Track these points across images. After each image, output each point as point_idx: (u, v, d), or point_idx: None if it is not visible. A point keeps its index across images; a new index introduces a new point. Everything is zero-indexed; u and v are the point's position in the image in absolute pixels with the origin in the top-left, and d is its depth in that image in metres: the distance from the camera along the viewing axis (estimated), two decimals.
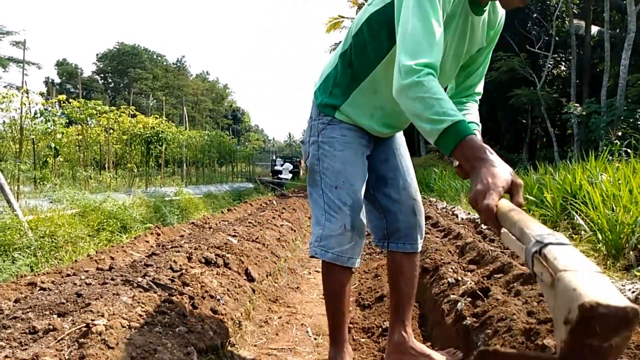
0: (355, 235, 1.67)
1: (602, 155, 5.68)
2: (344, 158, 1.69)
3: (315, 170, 1.73)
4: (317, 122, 1.75)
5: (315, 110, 1.78)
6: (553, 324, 1.39)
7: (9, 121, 7.24)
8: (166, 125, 11.08)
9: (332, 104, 1.71)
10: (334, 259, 1.66)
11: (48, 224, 4.07)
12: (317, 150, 1.73)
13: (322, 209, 1.70)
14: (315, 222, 1.74)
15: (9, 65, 31.50)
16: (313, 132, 1.77)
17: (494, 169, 1.11)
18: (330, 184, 1.68)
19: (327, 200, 1.69)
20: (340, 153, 1.69)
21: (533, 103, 16.64)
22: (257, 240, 3.74)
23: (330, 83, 1.73)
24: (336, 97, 1.70)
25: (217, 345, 1.85)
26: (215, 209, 8.16)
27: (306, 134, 1.83)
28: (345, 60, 1.67)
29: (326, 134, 1.72)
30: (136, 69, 52.86)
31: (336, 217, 1.66)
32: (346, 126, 1.72)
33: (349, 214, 1.65)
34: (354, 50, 1.63)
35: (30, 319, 1.59)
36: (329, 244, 1.65)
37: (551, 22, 16.98)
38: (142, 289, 2.00)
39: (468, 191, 1.27)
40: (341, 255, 1.65)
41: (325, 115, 1.74)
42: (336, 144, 1.70)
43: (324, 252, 1.66)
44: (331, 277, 1.72)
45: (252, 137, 68.30)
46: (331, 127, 1.72)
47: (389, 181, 1.84)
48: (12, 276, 3.01)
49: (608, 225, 3.22)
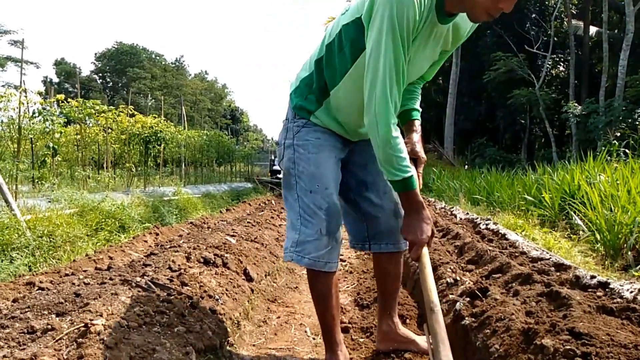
0: (332, 240, 1.69)
1: (601, 155, 5.69)
2: (317, 161, 1.72)
3: (291, 173, 1.75)
4: (293, 125, 1.78)
5: (291, 112, 1.80)
6: (551, 324, 1.40)
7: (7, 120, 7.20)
8: (165, 124, 11.06)
9: (307, 108, 1.75)
10: (311, 265, 1.68)
11: (46, 224, 4.06)
12: (292, 154, 1.75)
13: (297, 213, 1.72)
14: (290, 227, 1.76)
15: (7, 65, 31.41)
16: (289, 134, 1.78)
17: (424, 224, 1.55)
18: (305, 188, 1.71)
19: (302, 204, 1.71)
20: (314, 156, 1.72)
21: (531, 103, 16.67)
22: (256, 240, 3.74)
23: (306, 88, 1.76)
24: (311, 103, 1.74)
25: (215, 345, 1.85)
26: (214, 209, 8.16)
27: (281, 136, 1.83)
28: (319, 68, 1.71)
29: (301, 137, 1.75)
30: (134, 69, 52.76)
31: (312, 222, 1.68)
32: (320, 129, 1.75)
33: (324, 218, 1.67)
34: (326, 60, 1.68)
35: (28, 319, 1.59)
36: (305, 249, 1.67)
37: (550, 23, 17.01)
38: (141, 288, 2.00)
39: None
40: (318, 261, 1.67)
41: (300, 118, 1.77)
42: (310, 146, 1.73)
43: (301, 258, 1.68)
44: (316, 282, 1.75)
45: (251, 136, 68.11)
46: (306, 130, 1.75)
47: (369, 185, 1.87)
48: (10, 276, 3.01)
49: (606, 225, 3.23)
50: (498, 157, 16.85)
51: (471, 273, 2.41)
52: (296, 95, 1.79)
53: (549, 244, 3.43)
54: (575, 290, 1.79)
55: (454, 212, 5.28)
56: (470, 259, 2.71)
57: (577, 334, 1.31)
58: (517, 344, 1.43)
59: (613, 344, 1.25)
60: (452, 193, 8.15)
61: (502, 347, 1.47)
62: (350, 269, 3.74)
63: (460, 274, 2.38)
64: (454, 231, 3.63)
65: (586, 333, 1.30)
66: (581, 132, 13.70)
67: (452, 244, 3.30)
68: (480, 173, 9.67)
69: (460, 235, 3.42)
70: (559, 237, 3.73)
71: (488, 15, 1.44)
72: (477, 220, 4.23)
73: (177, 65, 62.59)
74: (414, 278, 2.90)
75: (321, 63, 1.69)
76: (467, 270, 2.49)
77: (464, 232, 3.60)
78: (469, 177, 9.31)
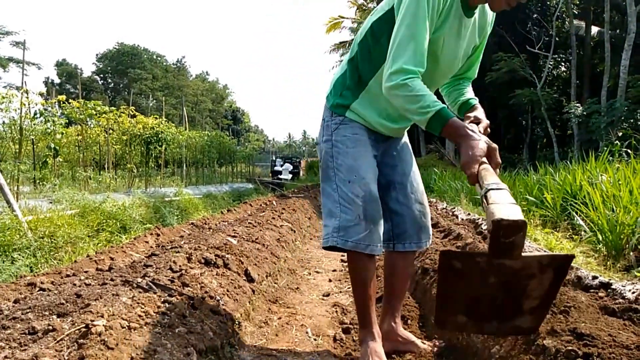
0: (370, 224, 1.77)
1: (603, 155, 5.68)
2: (355, 154, 1.83)
3: (329, 166, 1.87)
4: (330, 123, 1.91)
5: (327, 112, 1.94)
6: (553, 325, 1.39)
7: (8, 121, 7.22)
8: (166, 125, 11.08)
9: (344, 103, 1.88)
10: (354, 247, 1.76)
11: (47, 225, 4.06)
12: (330, 148, 1.88)
13: (336, 201, 1.82)
14: (327, 215, 1.85)
15: (8, 66, 31.44)
16: (326, 131, 1.92)
17: (472, 142, 1.46)
18: (344, 178, 1.81)
19: (341, 193, 1.81)
20: (352, 150, 1.84)
21: (533, 103, 16.63)
22: (257, 240, 3.73)
23: (340, 86, 1.90)
24: (346, 98, 1.87)
25: (216, 346, 1.85)
26: (214, 210, 8.16)
27: (320, 134, 1.97)
28: (353, 65, 1.85)
29: (339, 133, 1.87)
30: (136, 69, 52.84)
31: (350, 209, 1.78)
32: (357, 125, 1.87)
33: (361, 205, 1.77)
34: (360, 55, 1.82)
35: (29, 320, 1.59)
36: (347, 233, 1.76)
37: (551, 23, 16.97)
38: (142, 289, 2.00)
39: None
40: (360, 243, 1.76)
41: (337, 116, 1.90)
42: (348, 142, 1.85)
43: (345, 242, 1.77)
44: (356, 265, 1.83)
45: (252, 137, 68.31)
46: (343, 127, 1.87)
47: (397, 186, 1.98)
48: (12, 276, 3.01)
49: (608, 225, 3.22)
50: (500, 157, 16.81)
51: None
52: (332, 95, 1.93)
53: (551, 244, 3.42)
54: (577, 291, 1.78)
55: (456, 212, 5.27)
56: None
57: (579, 335, 1.31)
58: (520, 344, 1.42)
59: (615, 344, 1.24)
60: (453, 194, 8.13)
61: (503, 348, 1.46)
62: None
63: None
64: (455, 232, 3.62)
65: (588, 334, 1.30)
66: (583, 132, 13.67)
67: (453, 244, 3.30)
68: None
69: (462, 235, 3.41)
70: (560, 238, 3.72)
71: (507, 5, 1.56)
72: (479, 221, 4.22)
73: (178, 66, 62.67)
74: (415, 279, 2.89)
75: (355, 60, 1.84)
76: None
77: (466, 232, 3.59)
78: None
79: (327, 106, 1.96)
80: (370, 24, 1.77)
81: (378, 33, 1.73)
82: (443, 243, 3.41)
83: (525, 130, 19.67)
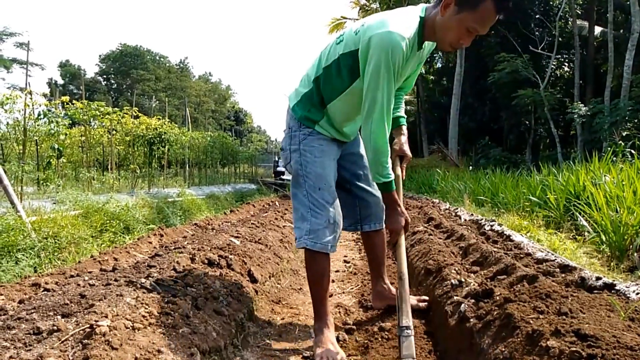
0: (336, 227, 2.07)
1: (606, 156, 5.66)
2: (322, 164, 2.09)
3: (299, 174, 2.10)
4: (299, 133, 2.12)
5: (294, 122, 2.14)
6: (557, 326, 1.39)
7: (12, 122, 7.24)
8: (169, 126, 11.09)
9: (313, 118, 2.11)
10: (322, 248, 2.02)
11: (51, 225, 4.07)
12: (299, 157, 2.10)
13: (307, 207, 2.06)
14: (299, 218, 2.09)
15: (12, 67, 31.57)
16: (294, 140, 2.13)
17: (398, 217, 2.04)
18: (314, 185, 2.06)
19: (311, 199, 2.05)
20: (319, 159, 2.09)
21: (536, 104, 16.58)
22: (260, 241, 3.74)
23: (307, 102, 2.11)
24: (314, 114, 2.11)
25: (220, 347, 1.85)
26: (217, 210, 8.17)
27: (286, 142, 2.18)
28: (316, 85, 2.07)
29: (307, 144, 2.10)
30: (139, 70, 52.94)
31: (321, 214, 2.03)
32: (322, 137, 2.13)
33: (331, 210, 2.05)
34: (323, 80, 2.04)
35: (34, 320, 1.60)
36: (317, 236, 2.01)
37: (554, 23, 16.94)
38: (146, 290, 2.00)
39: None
40: (327, 244, 2.03)
41: (306, 127, 2.11)
42: (316, 152, 2.09)
43: (314, 244, 2.02)
44: (315, 264, 2.08)
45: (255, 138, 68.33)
46: (311, 138, 2.11)
47: (361, 177, 2.36)
48: (16, 277, 3.02)
49: (612, 226, 3.21)
50: (502, 158, 16.78)
51: (476, 274, 2.40)
52: (299, 107, 2.13)
53: (554, 245, 3.41)
54: (581, 291, 1.78)
55: (459, 213, 5.26)
56: (475, 261, 2.70)
57: (582, 336, 1.30)
58: (523, 345, 1.42)
59: (619, 345, 1.24)
60: (456, 194, 8.12)
61: (507, 349, 1.46)
62: (354, 270, 3.73)
63: (465, 275, 2.37)
64: (458, 232, 3.62)
65: (592, 335, 1.29)
66: (586, 132, 13.63)
67: (456, 245, 3.29)
68: (484, 174, 9.63)
69: (465, 236, 3.41)
70: (564, 239, 3.72)
71: (451, 48, 1.86)
72: (482, 222, 4.21)
73: (181, 66, 62.77)
74: (418, 279, 2.89)
75: (318, 81, 2.06)
76: (472, 272, 2.48)
77: (469, 233, 3.59)
78: (474, 178, 9.28)
79: (293, 116, 2.14)
80: (338, 56, 1.96)
81: (342, 66, 1.96)
82: (446, 244, 3.40)
83: (528, 131, 19.62)
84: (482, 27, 1.75)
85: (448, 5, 1.76)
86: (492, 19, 1.73)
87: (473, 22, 1.73)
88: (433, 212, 5.30)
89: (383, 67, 1.77)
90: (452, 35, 1.81)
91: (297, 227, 2.09)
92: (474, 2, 1.70)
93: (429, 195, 9.62)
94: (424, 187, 11.56)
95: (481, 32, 1.77)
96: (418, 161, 19.24)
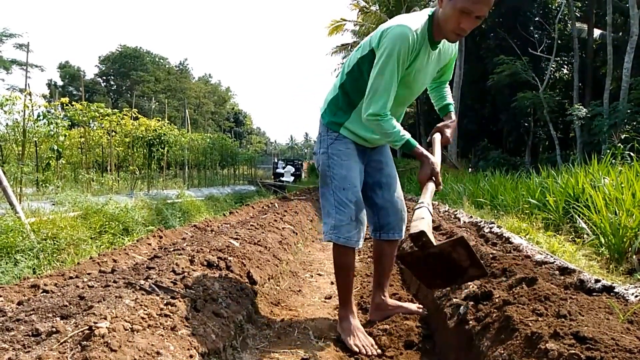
0: (359, 224, 2.21)
1: (605, 158, 5.67)
2: (348, 166, 2.25)
3: (327, 175, 2.28)
4: (327, 137, 2.30)
5: (323, 128, 2.34)
6: (555, 328, 1.39)
7: (12, 123, 7.24)
8: (168, 127, 11.09)
9: (338, 122, 2.28)
10: (345, 242, 2.19)
11: (50, 227, 4.07)
12: (327, 159, 2.28)
13: (332, 205, 2.23)
14: (326, 215, 2.27)
15: (12, 68, 31.58)
16: (323, 145, 2.31)
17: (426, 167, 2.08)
18: (339, 186, 2.22)
19: (337, 198, 2.22)
20: (345, 162, 2.25)
21: (535, 106, 16.60)
22: (259, 243, 3.74)
23: (334, 107, 2.30)
24: (340, 117, 2.28)
25: (219, 349, 1.85)
26: (217, 212, 8.16)
27: (317, 146, 2.38)
28: (343, 90, 2.26)
29: (334, 147, 2.28)
30: (138, 72, 52.93)
31: (344, 211, 2.19)
32: (349, 141, 2.29)
33: (354, 208, 2.20)
34: (349, 83, 2.23)
35: (33, 322, 1.59)
36: (340, 231, 2.18)
37: (553, 26, 16.98)
38: (145, 291, 2.00)
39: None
40: (350, 239, 2.19)
41: (333, 132, 2.29)
42: (342, 155, 2.26)
43: (338, 238, 2.18)
44: (342, 257, 2.25)
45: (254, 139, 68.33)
46: (338, 142, 2.28)
47: (383, 186, 2.42)
48: (15, 278, 3.02)
49: (611, 229, 3.21)
50: (502, 160, 16.79)
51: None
52: (327, 114, 2.33)
53: (553, 247, 3.42)
54: (580, 294, 1.78)
55: (458, 215, 5.26)
56: None
57: (581, 338, 1.30)
58: (522, 347, 1.42)
59: (618, 348, 1.24)
60: (455, 196, 8.13)
61: (506, 352, 1.46)
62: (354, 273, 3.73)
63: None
64: (457, 235, 3.62)
65: (591, 337, 1.29)
66: (585, 135, 13.65)
67: None
68: (484, 176, 9.63)
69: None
70: (563, 241, 3.72)
71: (456, 35, 1.98)
72: (481, 224, 4.21)
73: (180, 68, 62.76)
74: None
75: (344, 86, 2.25)
76: None
77: (468, 235, 3.59)
78: (473, 180, 9.29)
79: (322, 122, 2.35)
80: (357, 60, 2.18)
81: (362, 68, 2.15)
82: None
83: (527, 133, 19.64)
84: (474, 5, 1.85)
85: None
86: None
87: (464, 2, 1.84)
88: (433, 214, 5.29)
89: (389, 55, 1.96)
90: (452, 23, 1.93)
91: (324, 223, 2.29)
92: None
93: None
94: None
95: (476, 12, 1.86)
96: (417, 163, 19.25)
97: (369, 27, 23.07)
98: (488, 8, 1.87)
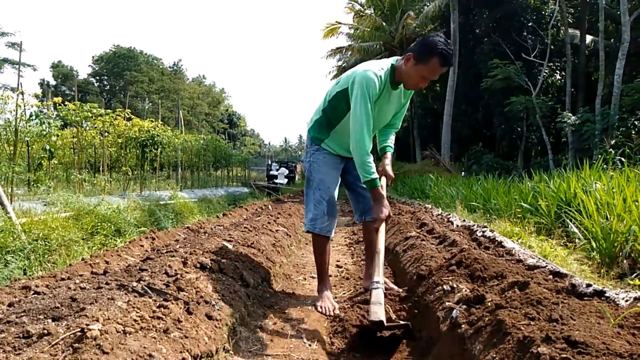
0: (331, 217, 2.90)
1: (597, 163, 5.72)
2: (325, 172, 2.92)
3: (310, 178, 2.97)
4: (311, 149, 2.98)
5: (309, 141, 3.02)
6: (547, 332, 1.40)
7: (3, 123, 7.18)
8: (162, 128, 11.05)
9: (320, 138, 2.94)
10: (320, 232, 2.88)
11: (42, 227, 4.04)
12: (310, 166, 2.96)
13: (312, 202, 2.91)
14: (307, 210, 2.94)
15: (4, 67, 31.32)
16: (308, 154, 3.01)
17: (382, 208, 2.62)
18: (317, 187, 2.90)
19: (315, 197, 2.90)
20: (323, 169, 2.92)
21: (528, 111, 16.71)
22: (253, 245, 3.73)
23: (318, 126, 2.94)
24: (323, 134, 2.93)
25: (211, 351, 1.84)
26: (210, 214, 8.13)
27: (304, 155, 3.09)
28: (325, 115, 2.90)
29: (315, 157, 2.95)
30: (132, 72, 52.59)
31: (319, 207, 2.86)
32: (327, 152, 2.95)
33: (327, 205, 2.87)
34: (329, 110, 2.86)
35: (24, 323, 1.58)
36: (316, 223, 2.87)
37: (546, 31, 17.11)
38: (137, 293, 1.99)
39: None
40: (323, 229, 2.88)
41: (315, 145, 2.97)
42: (321, 163, 2.93)
43: (314, 228, 2.88)
44: (319, 244, 2.93)
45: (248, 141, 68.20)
46: (318, 153, 2.95)
47: (358, 182, 2.96)
48: (5, 279, 2.99)
49: (602, 233, 3.24)
50: (495, 164, 16.88)
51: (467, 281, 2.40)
52: (312, 130, 2.98)
53: (545, 251, 3.44)
54: (571, 298, 1.79)
55: (451, 219, 5.28)
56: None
57: (573, 343, 1.31)
58: (514, 351, 1.43)
59: (609, 352, 1.25)
60: (448, 200, 8.15)
61: (498, 355, 1.47)
62: (347, 275, 3.73)
63: (457, 281, 2.38)
64: (450, 238, 3.63)
65: (582, 341, 1.30)
66: (577, 140, 13.74)
67: (448, 251, 3.31)
68: (477, 180, 9.67)
69: (457, 242, 3.43)
70: (555, 245, 3.74)
71: (414, 88, 2.67)
72: (474, 228, 4.23)
73: (174, 69, 62.52)
74: (410, 284, 2.90)
75: (326, 111, 2.87)
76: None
77: (461, 239, 3.60)
78: (466, 184, 9.33)
79: (309, 136, 3.02)
80: (336, 92, 2.77)
81: (340, 99, 2.75)
82: (438, 249, 3.42)
83: (520, 138, 19.76)
84: (433, 75, 2.54)
85: (409, 59, 2.55)
86: (439, 70, 2.51)
87: (425, 72, 2.52)
88: (426, 218, 5.31)
89: (361, 94, 2.53)
90: (412, 80, 2.60)
91: (305, 216, 2.96)
92: (426, 59, 2.48)
93: (422, 200, 9.65)
94: (416, 193, 11.60)
95: (433, 78, 2.57)
96: (411, 167, 19.30)
97: (363, 31, 23.14)
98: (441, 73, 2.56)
